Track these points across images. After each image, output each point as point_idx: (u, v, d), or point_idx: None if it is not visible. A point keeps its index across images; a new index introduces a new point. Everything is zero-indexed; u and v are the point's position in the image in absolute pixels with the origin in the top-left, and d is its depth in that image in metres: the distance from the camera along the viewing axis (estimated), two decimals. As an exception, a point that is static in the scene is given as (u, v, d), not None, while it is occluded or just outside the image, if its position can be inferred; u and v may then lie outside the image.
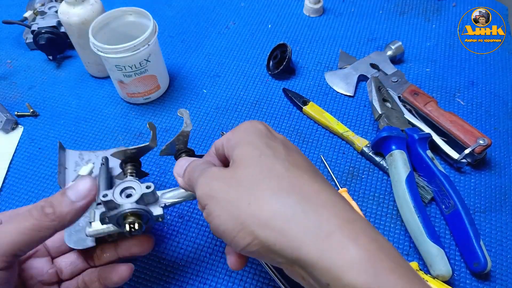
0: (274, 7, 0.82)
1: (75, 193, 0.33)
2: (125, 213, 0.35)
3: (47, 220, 0.31)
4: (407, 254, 0.49)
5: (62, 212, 0.32)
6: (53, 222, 0.32)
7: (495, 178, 0.55)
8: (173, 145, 0.44)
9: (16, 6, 0.86)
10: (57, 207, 0.32)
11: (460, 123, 0.55)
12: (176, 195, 0.39)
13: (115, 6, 0.62)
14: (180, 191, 0.39)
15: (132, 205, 0.36)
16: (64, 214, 0.32)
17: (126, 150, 0.42)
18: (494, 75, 0.67)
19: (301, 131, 0.61)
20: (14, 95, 0.69)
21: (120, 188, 0.37)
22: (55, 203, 0.32)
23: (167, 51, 0.75)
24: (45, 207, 0.32)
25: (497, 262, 0.48)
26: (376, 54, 0.69)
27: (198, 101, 0.67)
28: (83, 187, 0.33)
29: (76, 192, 0.33)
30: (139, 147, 0.42)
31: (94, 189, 0.33)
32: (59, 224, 0.32)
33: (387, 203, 0.53)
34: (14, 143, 0.62)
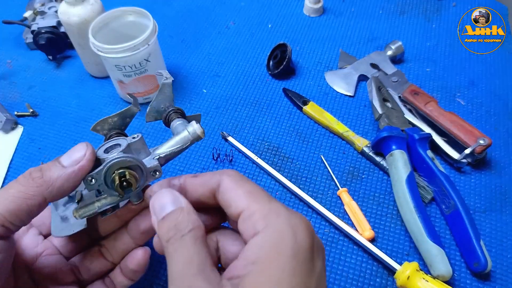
0: (274, 7, 0.82)
1: (68, 159, 0.30)
2: (112, 164, 0.30)
3: (34, 185, 0.29)
4: (407, 254, 0.49)
5: (51, 177, 0.29)
6: (40, 187, 0.29)
7: (495, 178, 0.55)
8: (158, 103, 0.38)
9: (16, 6, 0.86)
10: (45, 171, 0.30)
11: (461, 123, 0.55)
12: (171, 145, 0.34)
13: (115, 6, 0.62)
14: (174, 139, 0.34)
15: (119, 154, 0.31)
16: (53, 179, 0.29)
17: (107, 119, 0.37)
18: (494, 75, 0.67)
19: (301, 131, 0.61)
20: (14, 95, 0.69)
21: (104, 147, 0.33)
22: (44, 168, 0.30)
23: (167, 51, 0.75)
24: (32, 172, 0.30)
25: (497, 262, 0.47)
26: (376, 54, 0.69)
27: (198, 101, 0.67)
28: (77, 153, 0.30)
29: (69, 157, 0.30)
30: (121, 112, 0.37)
31: (89, 155, 0.30)
32: (47, 191, 0.29)
33: (387, 203, 0.53)
34: (14, 143, 0.62)
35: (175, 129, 0.36)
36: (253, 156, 0.57)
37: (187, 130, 0.34)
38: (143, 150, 0.33)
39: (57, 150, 0.61)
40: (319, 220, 0.52)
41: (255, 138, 0.61)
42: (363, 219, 0.50)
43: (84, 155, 0.30)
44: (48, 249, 0.37)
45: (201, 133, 0.34)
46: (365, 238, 0.48)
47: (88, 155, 0.31)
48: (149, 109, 0.39)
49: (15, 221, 0.29)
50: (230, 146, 0.60)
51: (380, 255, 0.47)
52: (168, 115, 0.38)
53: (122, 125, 0.38)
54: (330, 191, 0.54)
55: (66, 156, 0.31)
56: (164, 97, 0.38)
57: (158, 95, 0.38)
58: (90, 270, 0.37)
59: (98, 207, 0.33)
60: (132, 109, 0.37)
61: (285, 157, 0.58)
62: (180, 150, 0.34)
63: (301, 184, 0.55)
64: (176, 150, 0.34)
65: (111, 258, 0.38)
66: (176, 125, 0.37)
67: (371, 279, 0.47)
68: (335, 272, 0.48)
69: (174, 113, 0.38)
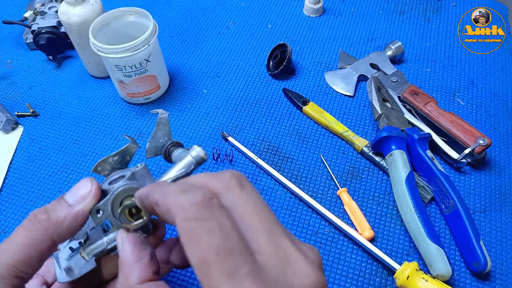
0: (274, 7, 0.82)
1: (73, 196, 0.29)
2: (119, 191, 0.30)
3: (42, 229, 0.27)
4: (407, 254, 0.49)
5: (58, 217, 0.28)
6: (48, 231, 0.27)
7: (495, 178, 0.55)
8: (157, 139, 0.38)
9: (16, 6, 0.86)
10: (51, 212, 0.28)
11: (460, 123, 0.55)
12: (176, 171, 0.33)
13: (115, 6, 0.63)
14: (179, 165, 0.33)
15: (124, 182, 0.30)
16: (60, 219, 0.28)
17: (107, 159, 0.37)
18: (494, 75, 0.67)
19: (301, 131, 0.61)
20: (14, 95, 0.69)
21: (109, 180, 0.32)
22: (49, 208, 0.29)
23: (167, 51, 0.75)
24: (37, 214, 0.28)
25: (497, 262, 0.48)
26: (376, 54, 0.69)
27: (198, 101, 0.67)
28: (83, 189, 0.29)
29: (74, 194, 0.29)
30: (120, 151, 0.37)
31: (95, 190, 0.30)
32: (56, 232, 0.28)
33: (387, 203, 0.53)
34: (14, 143, 0.62)
35: (178, 157, 0.36)
36: (253, 156, 0.57)
37: (190, 155, 0.34)
38: (148, 179, 0.33)
39: (57, 150, 0.61)
40: (319, 220, 0.52)
41: (255, 138, 0.61)
42: (362, 219, 0.50)
43: (90, 191, 0.29)
44: None
45: (204, 155, 0.34)
46: (364, 238, 0.48)
47: (94, 190, 0.30)
48: (148, 145, 0.39)
49: (28, 269, 0.28)
50: (230, 146, 0.60)
51: (380, 254, 0.47)
52: (167, 149, 0.38)
53: (123, 164, 0.38)
54: (330, 191, 0.55)
55: (70, 194, 0.29)
56: (162, 133, 0.39)
57: (156, 131, 0.38)
58: None
59: (107, 243, 0.32)
60: (131, 147, 0.37)
61: (285, 157, 0.59)
62: (185, 175, 0.33)
63: (301, 184, 0.55)
64: (181, 175, 0.33)
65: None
66: (178, 153, 0.37)
67: (371, 278, 0.47)
68: (335, 272, 0.48)
69: (173, 146, 0.38)
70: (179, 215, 0.23)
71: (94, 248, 0.32)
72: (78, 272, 0.32)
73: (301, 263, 0.23)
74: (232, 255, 0.21)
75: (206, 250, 0.21)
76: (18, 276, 0.27)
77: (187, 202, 0.23)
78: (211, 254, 0.21)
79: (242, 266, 0.21)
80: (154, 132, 0.38)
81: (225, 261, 0.21)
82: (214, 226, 0.22)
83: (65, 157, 0.60)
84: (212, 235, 0.22)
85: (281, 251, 0.23)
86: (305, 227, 0.51)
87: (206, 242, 0.21)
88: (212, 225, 0.22)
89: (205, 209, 0.23)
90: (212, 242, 0.21)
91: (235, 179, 0.25)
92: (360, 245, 0.49)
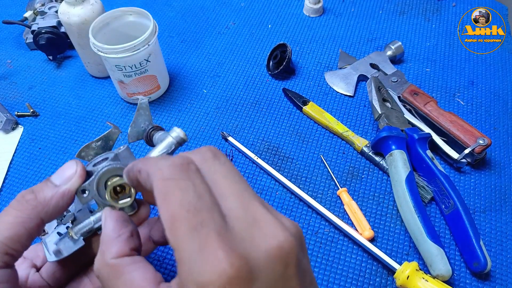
0: (274, 7, 0.82)
1: (59, 177, 0.30)
2: (104, 171, 0.31)
3: (29, 208, 0.29)
4: (407, 254, 0.49)
5: (45, 197, 0.29)
6: (35, 209, 0.29)
7: (495, 178, 0.55)
8: (138, 124, 0.40)
9: (16, 6, 0.86)
10: (38, 192, 0.29)
11: (460, 123, 0.55)
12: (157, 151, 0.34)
13: (115, 6, 0.63)
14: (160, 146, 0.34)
15: (108, 162, 0.32)
16: (47, 199, 0.29)
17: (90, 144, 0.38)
18: (494, 75, 0.67)
19: (301, 131, 0.61)
20: (14, 95, 0.69)
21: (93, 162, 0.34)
22: (36, 189, 0.30)
23: (167, 51, 0.75)
24: (25, 194, 0.29)
25: (497, 262, 0.48)
26: (376, 54, 0.69)
27: (198, 101, 0.67)
28: (68, 170, 0.30)
29: (60, 176, 0.30)
30: (103, 136, 0.38)
31: (80, 171, 0.31)
32: (43, 211, 0.29)
33: (387, 203, 0.53)
34: (14, 143, 0.62)
35: (159, 140, 0.37)
36: (253, 156, 0.57)
37: (171, 136, 0.35)
38: (130, 159, 0.34)
39: (57, 150, 0.61)
40: (319, 220, 0.52)
41: (255, 138, 0.61)
42: (362, 219, 0.50)
43: (76, 171, 0.31)
44: (36, 282, 0.36)
45: (184, 136, 0.35)
46: (364, 237, 0.48)
47: (80, 171, 0.31)
48: (130, 130, 0.40)
49: (17, 247, 0.29)
50: (230, 146, 0.60)
51: (380, 254, 0.47)
52: (148, 133, 0.40)
53: (106, 149, 0.39)
54: (330, 191, 0.55)
55: (56, 175, 0.31)
56: (143, 118, 0.40)
57: (137, 116, 0.40)
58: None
59: (94, 222, 0.33)
60: (114, 132, 0.39)
61: (285, 157, 0.59)
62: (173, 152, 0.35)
63: (301, 184, 0.55)
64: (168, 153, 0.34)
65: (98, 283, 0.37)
66: (159, 136, 0.38)
67: (371, 278, 0.47)
68: (335, 272, 0.48)
69: (154, 130, 0.40)
70: (156, 176, 0.23)
71: (82, 228, 0.33)
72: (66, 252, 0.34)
73: (270, 225, 0.22)
74: (201, 212, 0.21)
75: (177, 206, 0.21)
76: (8, 253, 0.28)
77: (165, 164, 0.24)
78: (181, 211, 0.21)
79: (208, 223, 0.21)
80: (135, 117, 0.39)
81: (193, 217, 0.21)
82: (187, 185, 0.22)
83: (65, 157, 0.60)
84: (185, 193, 0.22)
85: (250, 214, 0.23)
86: (305, 227, 0.51)
87: (178, 199, 0.22)
88: (186, 184, 0.22)
89: (181, 170, 0.23)
90: (184, 199, 0.22)
91: (210, 152, 0.26)
92: (360, 245, 0.49)
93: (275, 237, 0.21)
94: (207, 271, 0.20)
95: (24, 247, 0.29)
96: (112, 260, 0.25)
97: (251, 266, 0.20)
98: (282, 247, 0.21)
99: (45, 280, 0.36)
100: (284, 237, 0.22)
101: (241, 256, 0.20)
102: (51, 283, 0.36)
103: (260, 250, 0.21)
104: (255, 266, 0.21)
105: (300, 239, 0.23)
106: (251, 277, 0.20)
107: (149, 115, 0.40)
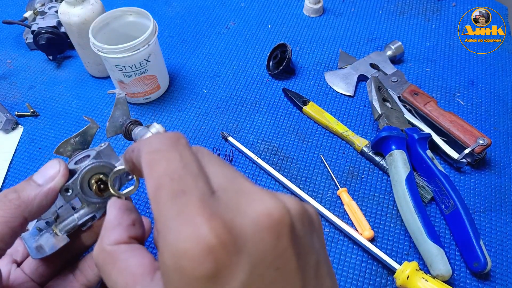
0: (274, 7, 0.82)
1: (42, 176, 0.30)
2: (87, 169, 0.31)
3: (12, 207, 0.29)
4: (407, 254, 0.49)
5: (28, 196, 0.29)
6: (19, 208, 0.29)
7: (495, 178, 0.55)
8: (116, 119, 0.40)
9: (16, 6, 0.86)
10: (21, 192, 0.29)
11: (460, 123, 0.55)
12: None
13: (115, 6, 0.63)
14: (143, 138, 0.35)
15: (90, 161, 0.32)
16: (30, 198, 0.29)
17: (68, 140, 0.38)
18: (494, 75, 0.67)
19: (301, 131, 0.62)
20: (14, 95, 0.69)
21: (74, 160, 0.34)
22: (18, 188, 0.30)
23: (167, 51, 0.75)
24: (8, 194, 0.29)
25: (497, 262, 0.48)
26: (376, 54, 0.69)
27: (198, 101, 0.67)
28: (51, 169, 0.31)
29: (43, 175, 0.30)
30: (81, 131, 0.38)
31: (64, 170, 0.31)
32: (27, 210, 0.29)
33: (387, 203, 0.53)
34: (14, 143, 0.62)
35: (138, 135, 0.38)
36: (253, 156, 0.57)
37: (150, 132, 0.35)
38: (113, 157, 0.34)
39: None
40: (319, 220, 0.52)
41: (255, 138, 0.61)
42: (362, 219, 0.50)
43: (59, 171, 0.31)
44: (19, 278, 0.36)
45: (163, 131, 0.35)
46: (364, 237, 0.48)
47: (63, 170, 0.31)
48: (108, 125, 0.40)
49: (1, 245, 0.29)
50: (230, 146, 0.60)
51: (380, 254, 0.47)
52: (127, 127, 0.40)
53: (84, 145, 0.39)
54: (330, 191, 0.55)
55: (39, 174, 0.31)
56: (120, 112, 0.40)
57: (114, 110, 0.39)
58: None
59: (78, 219, 0.34)
60: (92, 128, 0.38)
61: (285, 157, 0.59)
62: None
63: (301, 184, 0.55)
64: None
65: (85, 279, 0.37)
66: (138, 131, 0.38)
67: (371, 278, 0.47)
68: (335, 271, 0.48)
69: (132, 124, 0.40)
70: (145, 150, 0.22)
71: (66, 225, 0.33)
72: (49, 249, 0.34)
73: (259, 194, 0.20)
74: (185, 179, 0.20)
75: (162, 175, 0.20)
76: None
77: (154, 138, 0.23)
78: (165, 178, 0.20)
79: (191, 189, 0.19)
80: (112, 112, 0.39)
81: (176, 184, 0.19)
82: (175, 156, 0.21)
83: (64, 157, 0.60)
84: (171, 162, 0.21)
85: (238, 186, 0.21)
86: (305, 227, 0.51)
87: (163, 168, 0.20)
88: (173, 155, 0.21)
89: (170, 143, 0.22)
90: (169, 168, 0.20)
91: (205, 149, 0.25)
92: (360, 245, 0.49)
93: (264, 204, 0.19)
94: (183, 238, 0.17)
95: (7, 246, 0.29)
96: (109, 246, 0.25)
97: (236, 235, 0.18)
98: (271, 214, 0.19)
99: (28, 275, 0.36)
100: (274, 204, 0.19)
101: (224, 223, 0.18)
102: (34, 278, 0.36)
103: (246, 217, 0.18)
104: (240, 236, 0.18)
105: (302, 214, 0.21)
106: (236, 248, 0.18)
107: (127, 109, 0.40)
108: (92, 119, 0.38)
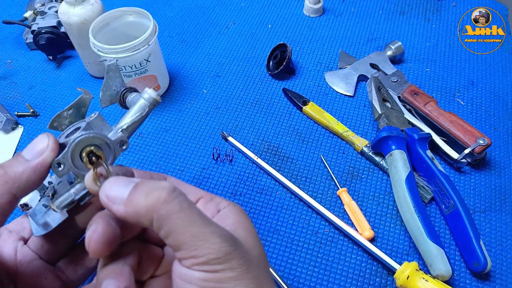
0: (274, 7, 0.82)
1: (30, 151, 0.29)
2: (77, 142, 0.30)
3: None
4: (407, 254, 0.49)
5: (15, 172, 0.28)
6: (6, 185, 0.28)
7: (495, 178, 0.55)
8: (109, 86, 0.38)
9: (16, 6, 0.86)
10: (8, 168, 0.29)
11: (460, 123, 0.55)
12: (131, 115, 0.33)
13: (115, 6, 0.63)
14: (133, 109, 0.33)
15: (80, 132, 0.30)
16: (18, 174, 0.28)
17: (62, 113, 0.36)
18: (494, 75, 0.67)
19: (301, 131, 0.62)
20: (14, 95, 0.69)
21: (65, 134, 0.33)
22: (5, 164, 0.29)
23: (167, 51, 0.75)
24: None
25: (497, 262, 0.48)
26: (376, 54, 0.69)
27: (198, 101, 0.67)
28: (40, 144, 0.29)
29: (31, 150, 0.29)
30: (74, 103, 0.36)
31: (53, 144, 0.30)
32: (14, 186, 0.28)
33: (387, 203, 0.53)
34: (14, 143, 0.62)
35: (131, 102, 0.36)
36: (253, 156, 0.57)
37: (143, 98, 0.34)
38: (104, 127, 0.33)
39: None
40: (319, 220, 0.52)
41: (255, 138, 0.61)
42: (362, 219, 0.50)
43: (47, 145, 0.30)
44: (26, 256, 0.35)
45: (156, 96, 0.34)
46: (365, 238, 0.48)
47: (52, 144, 0.30)
48: (101, 94, 0.38)
49: None
50: (230, 146, 0.60)
51: (380, 254, 0.47)
52: (122, 95, 0.38)
53: (79, 117, 0.37)
54: (330, 191, 0.55)
55: (27, 150, 0.30)
56: (113, 80, 0.38)
57: (107, 79, 0.38)
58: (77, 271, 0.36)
59: (74, 194, 0.32)
60: (85, 98, 0.37)
61: (285, 157, 0.59)
62: (141, 118, 0.34)
63: (301, 184, 0.55)
64: (137, 119, 0.33)
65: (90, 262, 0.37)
66: (132, 98, 0.37)
67: (371, 278, 0.47)
68: (335, 271, 0.48)
69: (127, 91, 0.38)
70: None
71: (63, 200, 0.32)
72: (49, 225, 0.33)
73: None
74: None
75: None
76: None
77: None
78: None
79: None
80: (105, 80, 0.38)
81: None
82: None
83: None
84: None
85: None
86: (305, 227, 0.51)
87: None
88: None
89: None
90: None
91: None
92: (360, 245, 0.49)
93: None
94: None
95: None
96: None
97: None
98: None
99: (35, 252, 0.35)
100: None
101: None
102: (41, 255, 0.35)
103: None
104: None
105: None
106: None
107: (120, 76, 0.38)
108: (86, 90, 0.37)
